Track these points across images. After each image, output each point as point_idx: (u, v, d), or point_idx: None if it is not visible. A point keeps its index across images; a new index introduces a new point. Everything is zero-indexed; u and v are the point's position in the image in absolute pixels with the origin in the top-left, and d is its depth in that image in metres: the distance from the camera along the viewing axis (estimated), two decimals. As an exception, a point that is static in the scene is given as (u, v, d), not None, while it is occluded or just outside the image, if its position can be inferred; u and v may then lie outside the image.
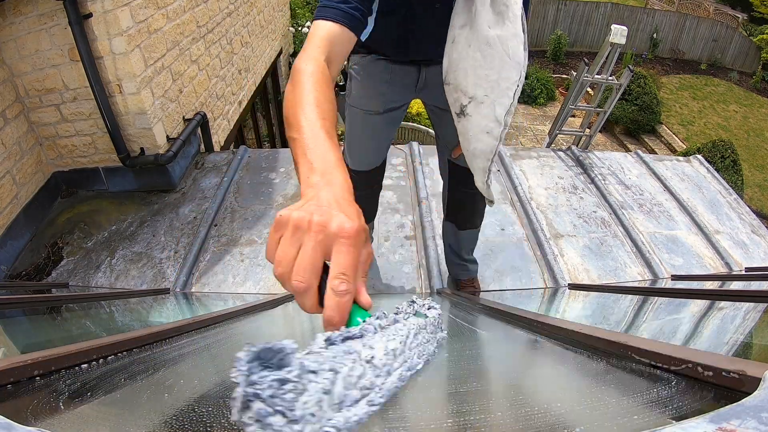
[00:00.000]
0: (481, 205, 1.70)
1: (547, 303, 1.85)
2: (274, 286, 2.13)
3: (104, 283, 2.18)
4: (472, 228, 1.80)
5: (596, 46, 11.45)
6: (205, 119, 3.06)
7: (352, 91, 1.44)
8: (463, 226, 1.78)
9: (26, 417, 0.37)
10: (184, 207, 2.62)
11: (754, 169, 8.74)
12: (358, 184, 1.63)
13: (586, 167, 3.04)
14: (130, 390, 0.51)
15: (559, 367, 0.60)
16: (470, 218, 1.76)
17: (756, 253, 2.59)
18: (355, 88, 1.42)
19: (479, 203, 1.68)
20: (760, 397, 0.27)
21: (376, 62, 1.34)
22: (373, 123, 1.46)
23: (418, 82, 1.38)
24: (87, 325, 1.32)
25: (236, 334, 1.01)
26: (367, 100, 1.42)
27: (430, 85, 1.38)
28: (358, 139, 1.53)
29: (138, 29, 2.33)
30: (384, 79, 1.36)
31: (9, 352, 0.93)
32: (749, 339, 0.78)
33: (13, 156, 2.34)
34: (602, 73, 3.16)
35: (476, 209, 1.72)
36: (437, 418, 0.40)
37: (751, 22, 13.31)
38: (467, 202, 1.68)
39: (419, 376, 0.43)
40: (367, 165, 1.58)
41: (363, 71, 1.38)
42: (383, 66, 1.34)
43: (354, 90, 1.43)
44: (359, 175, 1.59)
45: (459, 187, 1.63)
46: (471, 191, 1.61)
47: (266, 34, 4.88)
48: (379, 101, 1.41)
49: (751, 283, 1.79)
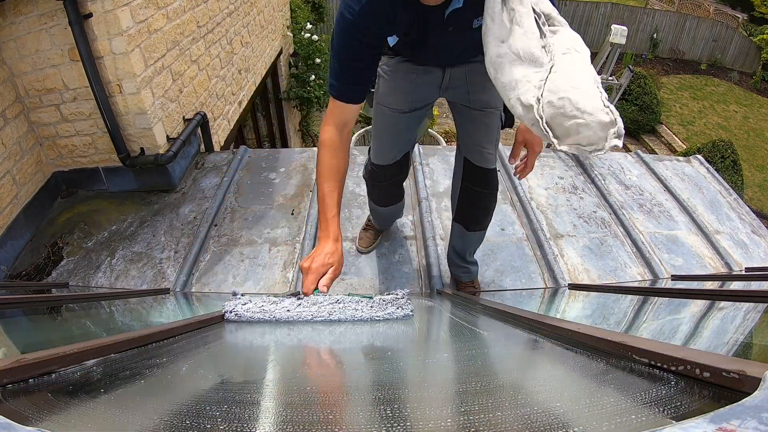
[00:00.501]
0: (492, 206, 1.72)
1: (547, 303, 1.85)
2: (274, 286, 2.13)
3: (104, 283, 2.18)
4: (480, 230, 1.80)
5: (596, 46, 11.43)
6: (205, 119, 3.06)
7: (380, 89, 1.51)
8: (471, 228, 1.78)
9: (26, 417, 0.37)
10: (184, 207, 2.62)
11: (754, 169, 8.74)
12: (380, 176, 1.74)
13: (586, 167, 3.04)
14: (130, 390, 0.51)
15: (559, 368, 0.60)
16: (481, 220, 1.76)
17: (756, 253, 2.58)
18: (383, 86, 1.49)
19: (491, 204, 1.71)
20: (760, 397, 0.27)
21: (403, 63, 1.40)
22: (399, 121, 1.53)
23: (442, 82, 1.43)
24: (87, 325, 1.32)
25: (236, 334, 1.01)
26: (394, 99, 1.48)
27: (454, 84, 1.43)
28: (383, 134, 1.61)
29: (138, 29, 2.33)
30: (410, 79, 1.42)
31: (9, 352, 0.93)
32: (749, 339, 0.78)
33: (13, 156, 2.34)
34: (602, 73, 3.16)
35: (488, 211, 1.73)
36: (437, 417, 0.40)
37: (751, 22, 13.31)
38: (478, 204, 1.70)
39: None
40: (390, 159, 1.64)
41: (390, 71, 1.45)
42: (409, 67, 1.40)
43: (382, 88, 1.50)
44: (382, 169, 1.68)
45: (473, 187, 1.66)
46: (485, 192, 1.64)
47: (266, 34, 4.88)
48: (405, 100, 1.47)
49: (751, 283, 1.79)
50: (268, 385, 0.58)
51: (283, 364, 0.76)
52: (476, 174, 1.60)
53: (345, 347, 0.94)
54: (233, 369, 0.70)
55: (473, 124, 1.52)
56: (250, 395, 0.49)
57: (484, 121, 1.50)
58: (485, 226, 1.80)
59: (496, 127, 1.53)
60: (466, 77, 1.41)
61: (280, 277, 2.17)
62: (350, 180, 2.82)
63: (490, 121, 1.50)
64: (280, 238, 2.39)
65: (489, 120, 1.50)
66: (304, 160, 3.02)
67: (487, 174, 1.60)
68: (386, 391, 0.52)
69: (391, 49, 1.34)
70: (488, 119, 1.50)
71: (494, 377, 0.60)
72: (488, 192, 1.66)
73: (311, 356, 0.86)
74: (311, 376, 0.66)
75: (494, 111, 1.49)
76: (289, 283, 2.14)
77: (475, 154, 1.57)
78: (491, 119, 1.50)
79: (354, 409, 0.46)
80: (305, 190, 2.74)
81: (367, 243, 2.28)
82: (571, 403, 0.42)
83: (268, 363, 0.76)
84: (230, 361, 0.79)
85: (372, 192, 1.91)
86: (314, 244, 2.33)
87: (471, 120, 1.51)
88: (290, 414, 0.43)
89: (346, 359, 0.82)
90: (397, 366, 0.69)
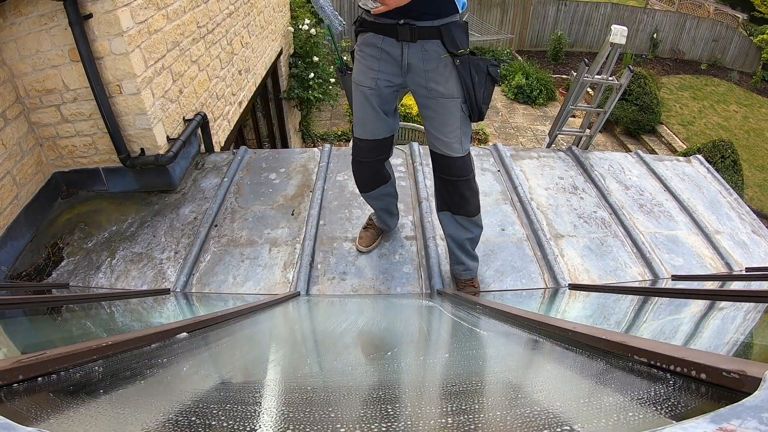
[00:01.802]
0: (467, 192, 1.79)
1: (547, 303, 1.85)
2: (274, 286, 2.13)
3: (104, 284, 2.18)
4: (466, 215, 1.85)
5: (596, 47, 11.45)
6: (206, 120, 3.06)
7: (354, 69, 1.68)
8: (456, 212, 1.84)
9: (26, 417, 0.37)
10: (185, 207, 2.62)
11: (755, 169, 8.73)
12: (363, 150, 1.84)
13: (586, 167, 3.04)
14: (130, 390, 0.51)
15: (559, 367, 0.60)
16: (462, 204, 1.82)
17: (756, 253, 2.58)
18: (355, 65, 1.67)
19: (465, 191, 1.79)
20: (760, 397, 0.27)
21: (371, 39, 1.57)
22: (368, 96, 1.66)
23: (402, 59, 1.55)
24: (87, 325, 1.32)
25: (236, 334, 1.01)
26: (363, 76, 1.64)
27: (413, 69, 1.56)
28: (358, 110, 1.75)
29: (138, 30, 2.33)
30: (375, 56, 1.58)
31: (9, 352, 0.93)
32: (749, 339, 0.78)
33: (14, 156, 2.34)
34: (602, 73, 3.15)
35: (464, 197, 1.80)
36: (436, 416, 0.40)
37: (751, 22, 13.29)
38: (453, 190, 1.79)
39: None
40: (370, 134, 1.77)
41: (360, 50, 1.62)
42: (374, 41, 1.56)
43: (355, 68, 1.68)
44: (364, 143, 1.80)
45: (441, 175, 1.77)
46: (453, 179, 1.77)
47: (266, 35, 4.88)
48: (372, 77, 1.62)
49: (751, 283, 1.79)
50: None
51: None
52: (441, 162, 1.72)
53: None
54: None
55: (432, 113, 1.64)
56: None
57: (440, 110, 1.61)
58: (472, 213, 1.85)
59: (457, 117, 1.61)
60: (423, 64, 1.53)
61: (281, 278, 2.17)
62: (350, 180, 2.83)
63: (447, 110, 1.60)
64: (281, 238, 2.39)
65: (445, 109, 1.60)
66: (304, 160, 3.02)
67: (450, 161, 1.69)
68: (386, 391, 0.52)
69: (363, 24, 1.55)
70: (445, 108, 1.60)
71: (495, 377, 0.60)
72: (456, 180, 1.75)
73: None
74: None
75: (451, 100, 1.58)
76: (289, 283, 2.14)
77: (437, 143, 1.68)
78: (448, 108, 1.59)
79: (352, 407, 0.46)
80: (305, 190, 2.74)
81: (368, 242, 2.29)
82: (572, 403, 0.42)
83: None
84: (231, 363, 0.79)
85: (356, 173, 1.98)
86: (314, 244, 2.33)
87: (429, 109, 1.63)
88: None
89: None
90: (398, 366, 0.69)
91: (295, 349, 0.94)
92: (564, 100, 3.35)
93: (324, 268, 2.23)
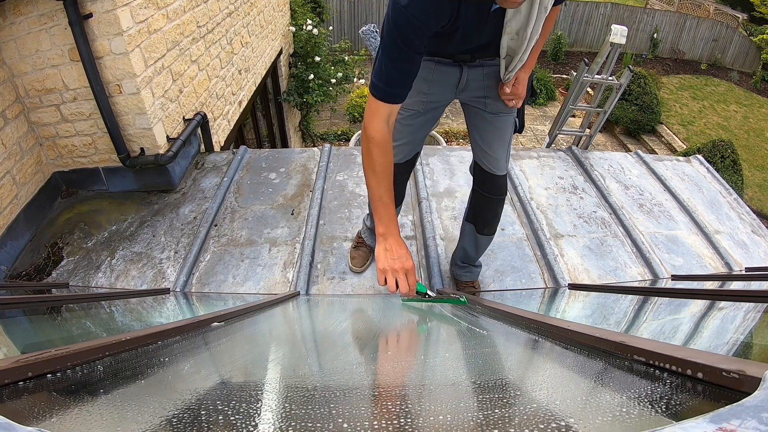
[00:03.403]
0: (500, 210, 1.74)
1: (547, 303, 1.85)
2: (274, 286, 2.13)
3: (104, 283, 2.18)
4: (490, 234, 1.81)
5: (596, 46, 11.45)
6: (205, 119, 3.06)
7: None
8: (481, 231, 1.79)
9: (26, 417, 0.37)
10: (184, 207, 2.62)
11: (754, 169, 8.74)
12: (395, 176, 1.72)
13: (586, 167, 3.04)
14: (130, 390, 0.51)
15: (559, 367, 0.60)
16: (490, 222, 1.77)
17: (756, 253, 2.58)
18: None
19: (499, 209, 1.73)
20: (760, 397, 0.27)
21: (422, 63, 1.42)
22: (413, 122, 1.54)
23: (459, 82, 1.43)
24: (87, 325, 1.32)
25: (236, 333, 1.01)
26: (410, 100, 1.44)
27: (470, 86, 1.44)
28: (396, 135, 1.57)
29: (138, 29, 2.33)
30: (427, 79, 1.41)
31: (9, 352, 0.93)
32: (749, 339, 0.78)
33: (14, 156, 2.34)
34: (602, 73, 3.16)
35: (496, 214, 1.75)
36: (436, 414, 0.40)
37: (751, 22, 13.30)
38: (487, 207, 1.71)
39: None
40: (401, 159, 1.64)
41: None
42: (426, 66, 1.38)
43: None
44: (396, 168, 1.68)
45: (481, 191, 1.69)
46: (493, 197, 1.67)
47: (266, 34, 4.88)
48: (421, 101, 1.47)
49: (751, 283, 1.79)
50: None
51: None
52: (485, 179, 1.63)
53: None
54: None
55: (486, 129, 1.53)
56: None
57: (498, 125, 1.51)
58: (494, 231, 1.81)
59: (509, 133, 1.54)
60: (483, 80, 1.42)
61: (281, 277, 2.17)
62: (350, 180, 2.83)
63: (503, 126, 1.51)
64: (280, 238, 2.39)
65: (502, 124, 1.51)
66: (304, 160, 3.02)
67: (495, 180, 1.61)
68: (385, 389, 0.52)
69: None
70: (501, 123, 1.51)
71: (494, 376, 0.60)
72: (496, 197, 1.68)
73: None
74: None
75: (508, 116, 1.50)
76: (289, 283, 2.14)
77: (485, 159, 1.58)
78: (504, 124, 1.51)
79: (352, 405, 0.46)
80: (305, 190, 2.74)
81: (362, 263, 2.19)
82: (572, 403, 0.42)
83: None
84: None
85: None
86: (314, 243, 2.33)
87: (484, 124, 1.52)
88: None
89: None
90: (397, 365, 0.69)
91: (295, 349, 0.94)
92: (564, 100, 3.35)
93: (324, 268, 2.23)
